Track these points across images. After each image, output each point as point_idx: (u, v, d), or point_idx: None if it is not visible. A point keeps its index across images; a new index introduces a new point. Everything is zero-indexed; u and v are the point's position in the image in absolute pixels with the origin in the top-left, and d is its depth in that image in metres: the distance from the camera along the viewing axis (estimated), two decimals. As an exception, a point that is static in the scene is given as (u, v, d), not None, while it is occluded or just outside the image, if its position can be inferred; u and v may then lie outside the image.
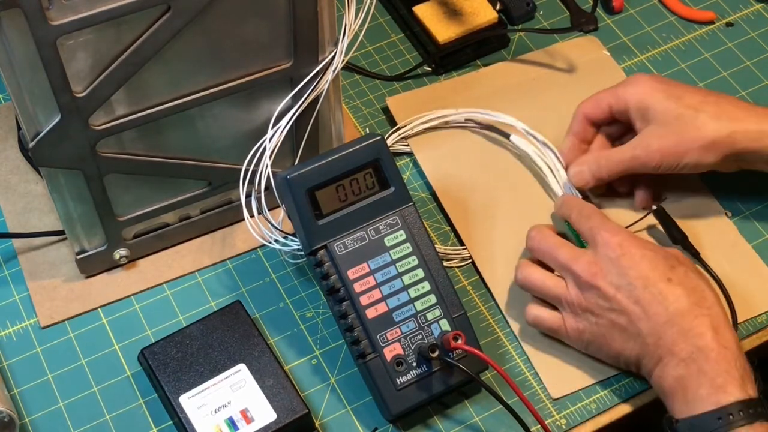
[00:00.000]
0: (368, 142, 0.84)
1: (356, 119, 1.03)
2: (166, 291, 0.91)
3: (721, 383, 0.76)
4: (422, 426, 0.84)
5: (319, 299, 0.90)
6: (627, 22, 1.11)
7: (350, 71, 1.06)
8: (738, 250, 0.93)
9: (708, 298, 0.80)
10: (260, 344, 0.84)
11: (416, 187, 0.98)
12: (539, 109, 1.02)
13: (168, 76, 0.79)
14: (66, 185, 0.83)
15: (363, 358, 0.82)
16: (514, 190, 0.97)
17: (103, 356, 0.87)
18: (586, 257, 0.83)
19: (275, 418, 0.81)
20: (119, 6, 0.72)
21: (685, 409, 0.77)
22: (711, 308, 0.79)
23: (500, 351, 0.88)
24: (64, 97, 0.76)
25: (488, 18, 1.06)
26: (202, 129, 0.86)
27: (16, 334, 0.89)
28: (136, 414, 0.85)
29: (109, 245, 0.89)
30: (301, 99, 0.85)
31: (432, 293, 0.83)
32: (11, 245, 0.93)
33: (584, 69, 1.06)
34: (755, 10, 1.11)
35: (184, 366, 0.83)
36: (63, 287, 0.91)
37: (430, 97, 1.03)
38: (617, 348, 0.82)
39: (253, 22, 0.79)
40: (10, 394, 0.85)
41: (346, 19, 0.82)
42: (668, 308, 0.79)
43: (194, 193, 0.90)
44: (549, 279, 0.85)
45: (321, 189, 0.82)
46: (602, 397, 0.86)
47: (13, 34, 0.71)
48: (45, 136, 0.78)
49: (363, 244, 0.83)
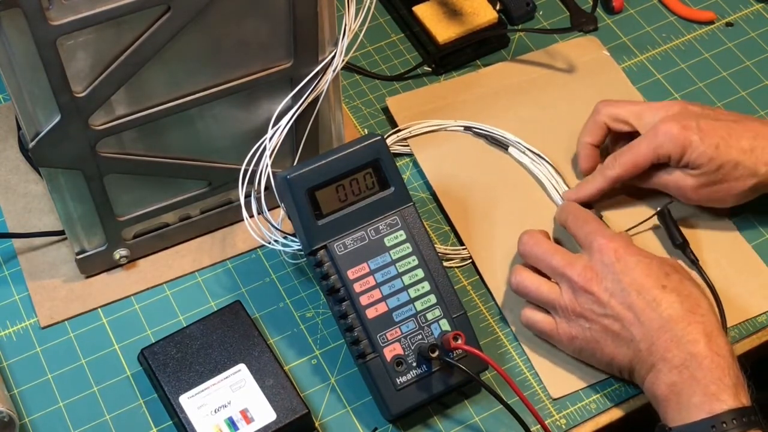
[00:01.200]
0: (368, 142, 0.84)
1: (356, 119, 1.03)
2: (166, 291, 0.91)
3: (714, 391, 0.75)
4: (422, 426, 0.84)
5: (319, 299, 0.90)
6: (627, 22, 1.11)
7: (350, 71, 1.06)
8: (738, 250, 0.93)
9: (702, 306, 0.80)
10: (260, 344, 0.84)
11: (416, 187, 0.98)
12: (539, 109, 1.02)
13: (168, 76, 0.79)
14: (66, 185, 0.83)
15: (363, 358, 0.82)
16: (514, 190, 0.97)
17: (103, 356, 0.87)
18: (581, 262, 0.83)
19: (275, 418, 0.81)
20: (119, 6, 0.72)
21: (678, 417, 0.76)
22: (705, 315, 0.79)
23: (500, 351, 0.88)
24: (64, 97, 0.76)
25: (488, 18, 1.06)
26: (202, 129, 0.86)
27: (16, 334, 0.89)
28: (136, 414, 0.85)
29: (109, 245, 0.89)
30: (301, 99, 0.85)
31: (432, 293, 0.83)
32: (11, 245, 0.93)
33: (584, 69, 1.06)
34: (755, 10, 1.11)
35: (184, 366, 0.83)
36: (63, 287, 0.91)
37: (430, 97, 1.03)
38: (610, 354, 0.82)
39: (253, 22, 0.79)
40: (10, 394, 0.85)
41: (346, 19, 0.82)
42: (662, 314, 0.79)
43: (194, 193, 0.90)
44: (543, 284, 0.85)
45: (321, 189, 0.82)
46: (602, 397, 0.86)
47: (13, 34, 0.71)
48: (45, 136, 0.78)
49: (363, 244, 0.83)
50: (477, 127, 1.00)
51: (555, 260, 0.84)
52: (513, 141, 0.98)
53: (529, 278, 0.86)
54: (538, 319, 0.85)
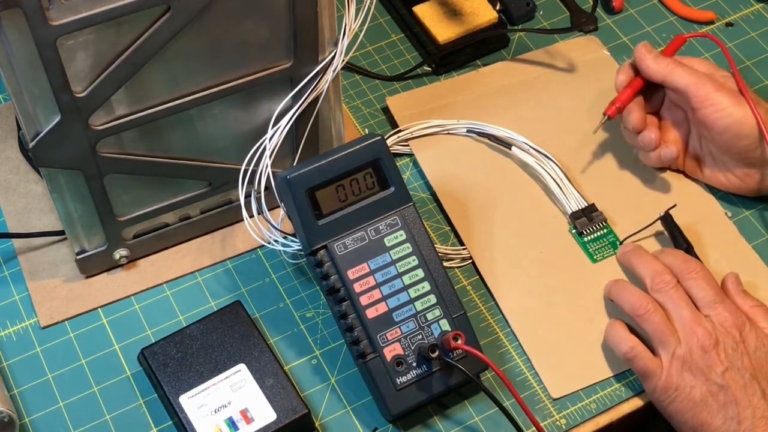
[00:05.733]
0: (368, 142, 0.84)
1: (356, 119, 1.03)
2: (166, 291, 0.91)
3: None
4: (422, 426, 0.84)
5: (319, 299, 0.90)
6: (627, 22, 1.11)
7: (350, 71, 1.06)
8: (738, 250, 0.93)
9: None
10: (260, 344, 0.85)
11: (416, 187, 0.98)
12: (539, 108, 1.02)
13: (168, 76, 0.80)
14: (66, 185, 0.83)
15: (363, 358, 0.82)
16: (514, 190, 0.97)
17: (103, 356, 0.87)
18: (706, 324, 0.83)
19: (275, 418, 0.81)
20: (119, 6, 0.72)
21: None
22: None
23: (500, 351, 0.88)
24: (64, 97, 0.76)
25: (488, 18, 1.06)
26: (202, 129, 0.86)
27: (16, 334, 0.89)
28: (136, 414, 0.85)
29: (109, 245, 0.89)
30: (301, 99, 0.85)
31: (432, 293, 0.83)
32: (11, 245, 0.93)
33: (584, 69, 1.06)
34: (755, 10, 1.11)
35: (184, 366, 0.83)
36: (63, 287, 0.91)
37: (430, 97, 1.03)
38: (702, 419, 0.80)
39: (253, 22, 0.79)
40: (10, 394, 0.85)
41: (346, 19, 0.82)
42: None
43: (194, 193, 0.90)
44: (668, 325, 0.83)
45: (321, 189, 0.82)
46: (602, 397, 0.86)
47: (13, 34, 0.71)
48: (45, 136, 0.78)
49: (363, 244, 0.83)
50: (480, 127, 0.99)
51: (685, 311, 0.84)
52: (518, 140, 0.98)
53: (659, 313, 0.84)
54: (646, 356, 0.83)
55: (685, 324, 0.82)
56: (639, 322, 0.84)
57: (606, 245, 0.93)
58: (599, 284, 0.90)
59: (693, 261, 0.87)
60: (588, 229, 0.94)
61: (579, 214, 0.94)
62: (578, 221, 0.94)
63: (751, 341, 0.82)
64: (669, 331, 0.82)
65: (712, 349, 0.81)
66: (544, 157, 0.97)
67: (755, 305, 0.85)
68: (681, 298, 0.84)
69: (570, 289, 0.91)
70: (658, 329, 0.83)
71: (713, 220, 0.95)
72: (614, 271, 0.92)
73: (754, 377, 0.80)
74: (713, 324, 0.82)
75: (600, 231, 0.94)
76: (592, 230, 0.94)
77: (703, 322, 0.82)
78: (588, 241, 0.94)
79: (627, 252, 0.90)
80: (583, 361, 0.87)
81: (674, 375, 0.81)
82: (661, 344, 0.82)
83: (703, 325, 0.82)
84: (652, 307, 0.84)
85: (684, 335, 0.82)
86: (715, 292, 0.84)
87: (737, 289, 0.86)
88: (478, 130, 0.99)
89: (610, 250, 0.93)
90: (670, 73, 0.92)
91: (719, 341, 0.81)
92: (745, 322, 0.82)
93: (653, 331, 0.83)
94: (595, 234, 0.94)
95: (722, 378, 0.80)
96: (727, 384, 0.80)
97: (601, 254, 0.93)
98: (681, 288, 0.85)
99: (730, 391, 0.79)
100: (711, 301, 0.83)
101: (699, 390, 0.80)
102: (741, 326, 0.82)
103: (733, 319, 0.82)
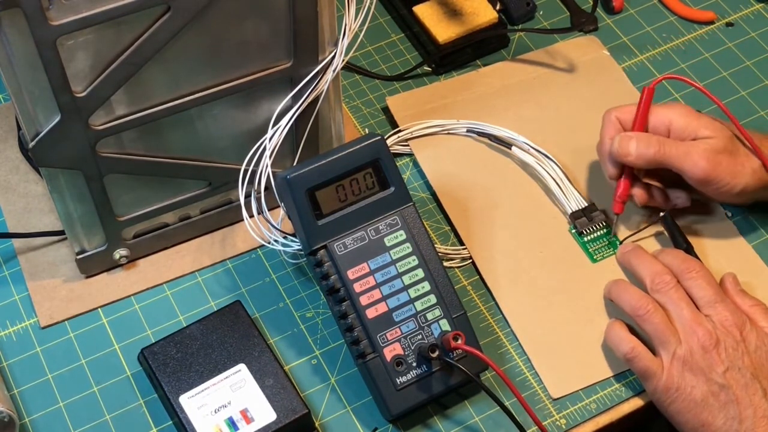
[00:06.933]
0: (368, 142, 0.84)
1: (356, 119, 1.03)
2: (166, 291, 0.91)
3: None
4: (422, 426, 0.84)
5: (319, 299, 0.90)
6: (627, 22, 1.11)
7: (350, 71, 1.06)
8: (738, 250, 0.93)
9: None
10: (260, 344, 0.84)
11: (416, 187, 0.98)
12: (539, 108, 1.02)
13: (168, 76, 0.79)
14: (66, 185, 0.83)
15: (363, 358, 0.82)
16: (514, 190, 0.97)
17: (103, 356, 0.87)
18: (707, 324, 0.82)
19: (275, 418, 0.81)
20: (119, 6, 0.72)
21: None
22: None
23: (500, 351, 0.88)
24: (64, 97, 0.76)
25: (488, 18, 1.06)
26: (202, 129, 0.86)
27: (16, 334, 0.89)
28: (136, 414, 0.85)
29: (109, 245, 0.89)
30: (301, 99, 0.85)
31: (432, 293, 0.83)
32: (11, 245, 0.93)
33: (584, 69, 1.06)
34: (755, 10, 1.11)
35: (184, 366, 0.83)
36: (63, 287, 0.91)
37: (430, 97, 1.03)
38: (703, 419, 0.80)
39: (253, 22, 0.79)
40: (10, 394, 0.85)
41: (346, 19, 0.82)
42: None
43: (194, 193, 0.90)
44: (668, 325, 0.83)
45: (321, 189, 0.82)
46: (602, 397, 0.86)
47: (13, 34, 0.71)
48: (45, 136, 0.78)
49: (363, 244, 0.83)
50: (480, 127, 0.99)
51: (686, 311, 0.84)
52: (518, 140, 0.98)
53: (659, 313, 0.84)
54: (646, 357, 0.83)
55: (685, 324, 0.82)
56: (639, 323, 0.84)
57: (606, 245, 0.93)
58: (599, 284, 0.90)
59: (693, 261, 0.87)
60: (588, 229, 0.94)
61: (579, 214, 0.94)
62: (578, 221, 0.94)
63: (751, 340, 0.82)
64: (669, 332, 0.82)
65: (713, 348, 0.81)
66: (544, 157, 0.97)
67: (755, 304, 0.85)
68: (681, 298, 0.84)
69: (570, 289, 0.91)
70: (659, 329, 0.83)
71: (713, 220, 0.95)
72: (614, 271, 0.92)
73: (755, 376, 0.80)
74: (713, 324, 0.82)
75: (600, 231, 0.94)
76: (592, 230, 0.94)
77: (704, 322, 0.82)
78: (588, 241, 0.94)
79: (626, 252, 0.90)
80: (583, 361, 0.87)
81: (675, 375, 0.81)
82: (662, 344, 0.82)
83: (704, 324, 0.82)
84: (652, 307, 0.84)
85: (684, 335, 0.82)
86: (715, 292, 0.84)
87: (736, 289, 0.86)
88: (478, 130, 1.00)
89: (610, 250, 0.93)
90: (664, 159, 0.89)
91: (720, 341, 0.81)
92: (745, 321, 0.82)
93: (653, 331, 0.83)
94: (595, 234, 0.94)
95: (723, 378, 0.80)
96: (728, 383, 0.80)
97: (601, 254, 0.93)
98: (681, 288, 0.85)
99: (731, 390, 0.79)
100: (711, 300, 0.83)
101: (700, 390, 0.80)
102: (741, 325, 0.82)
103: (733, 318, 0.82)
